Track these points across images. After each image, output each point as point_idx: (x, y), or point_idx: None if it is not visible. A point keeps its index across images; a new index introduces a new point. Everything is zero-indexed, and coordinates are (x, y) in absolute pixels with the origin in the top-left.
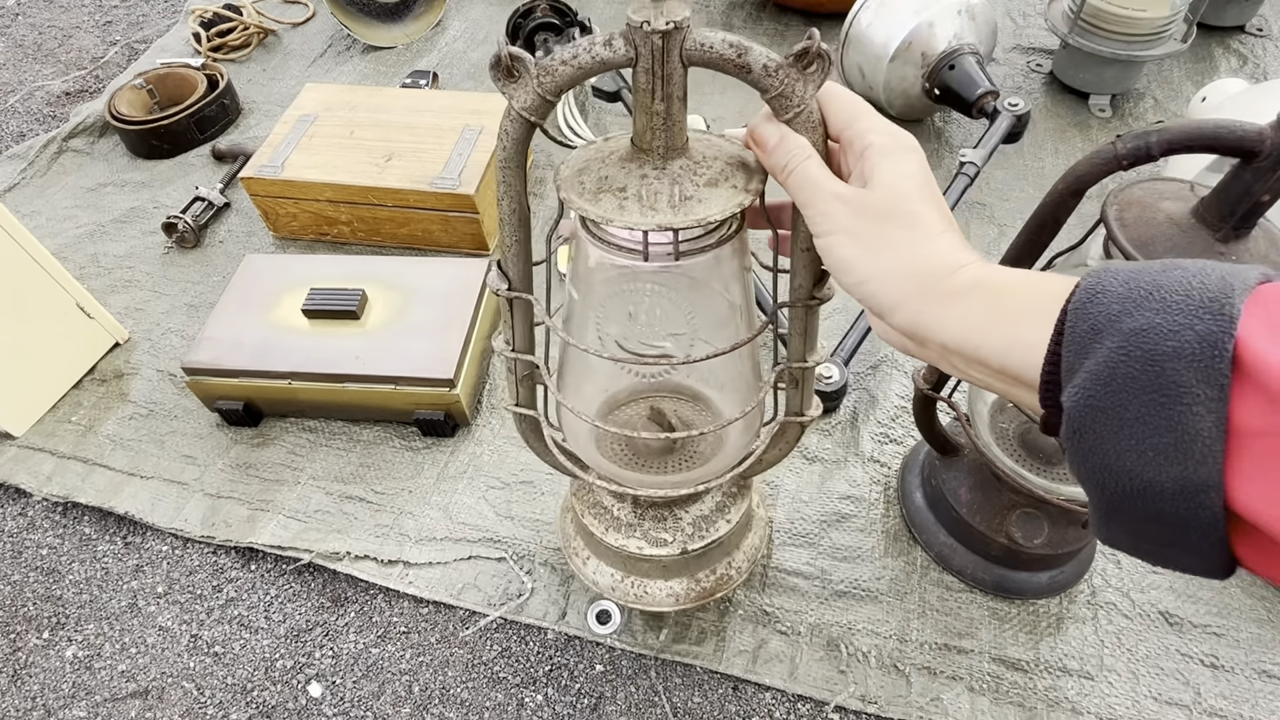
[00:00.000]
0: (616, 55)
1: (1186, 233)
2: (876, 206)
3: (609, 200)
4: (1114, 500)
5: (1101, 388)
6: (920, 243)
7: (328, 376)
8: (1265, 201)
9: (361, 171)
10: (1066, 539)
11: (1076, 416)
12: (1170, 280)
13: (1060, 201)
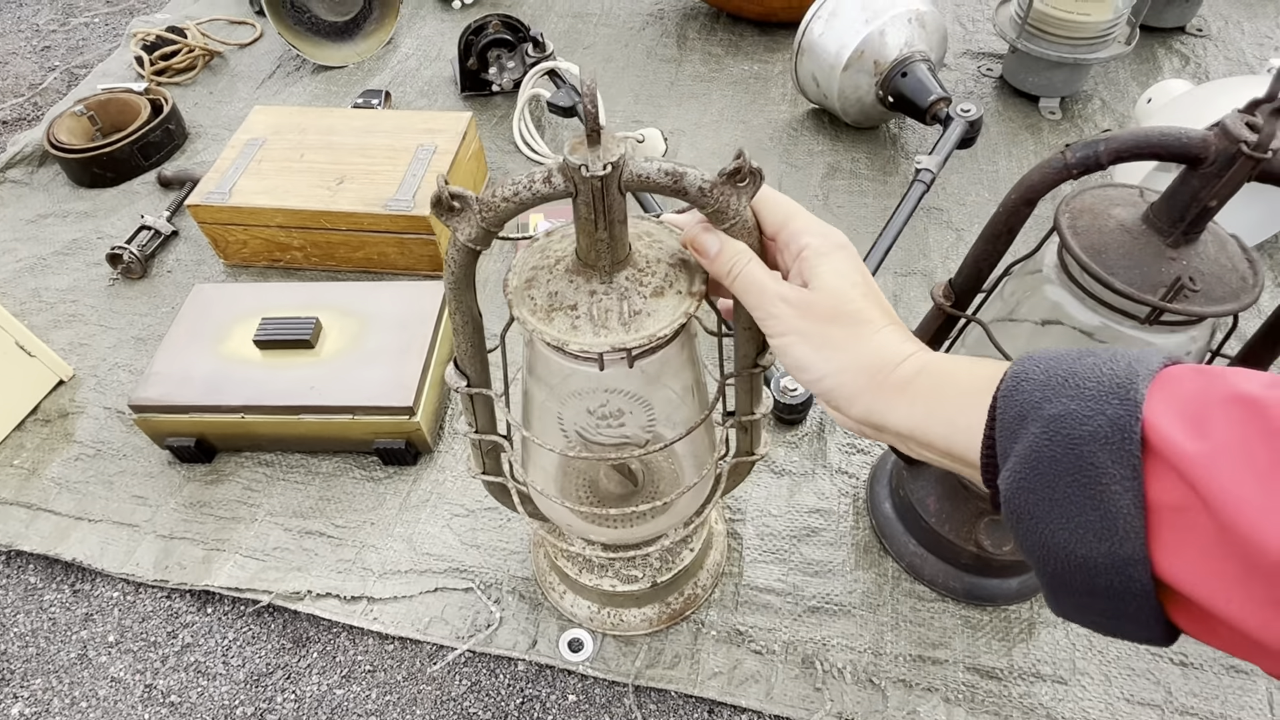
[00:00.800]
0: (556, 190)
1: (1138, 239)
2: (820, 307)
3: (562, 320)
4: (1056, 575)
5: (1030, 470)
6: (866, 339)
7: (282, 409)
8: (1212, 206)
9: (313, 196)
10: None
11: (1011, 498)
12: (1084, 367)
13: (1013, 211)
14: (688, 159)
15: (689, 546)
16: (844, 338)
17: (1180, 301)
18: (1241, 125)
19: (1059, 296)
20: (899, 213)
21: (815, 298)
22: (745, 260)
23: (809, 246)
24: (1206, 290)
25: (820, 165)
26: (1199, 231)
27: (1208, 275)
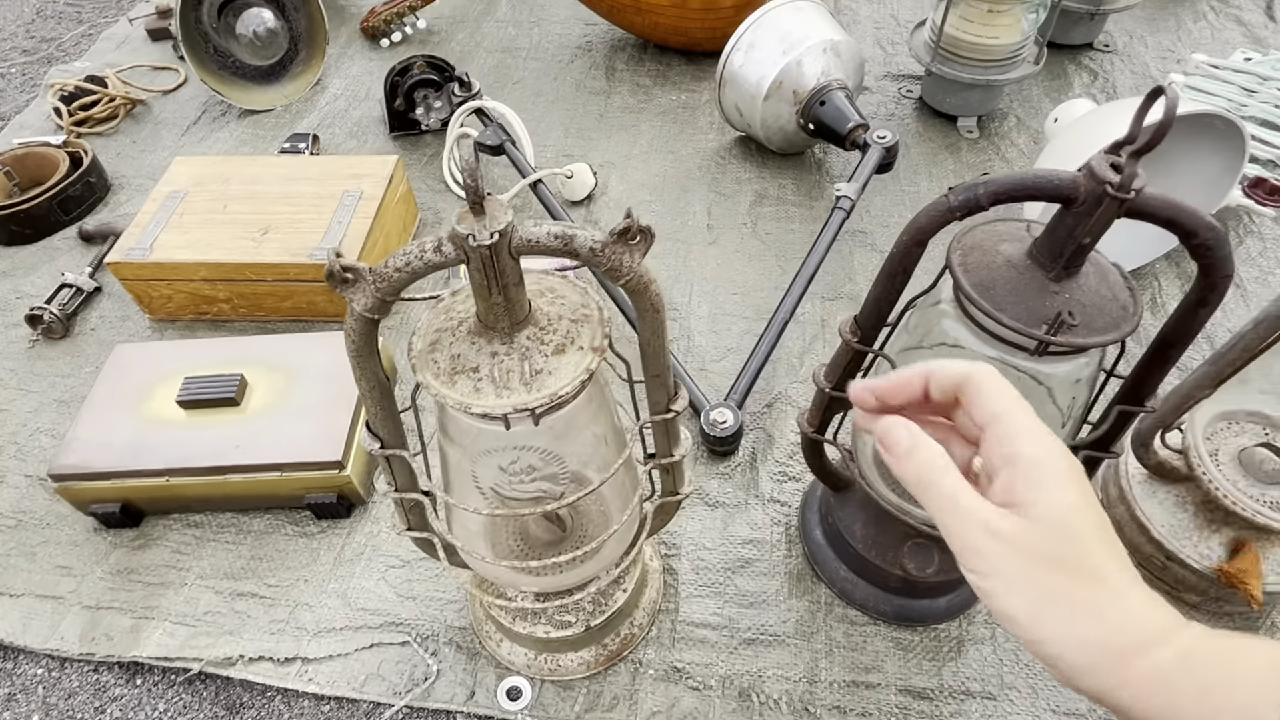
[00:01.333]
0: (447, 259)
1: (1023, 274)
2: (1041, 549)
3: (464, 382)
4: None
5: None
6: (1105, 605)
7: (208, 470)
8: (1087, 244)
9: (236, 248)
10: (954, 565)
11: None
12: None
13: (906, 252)
14: (618, 191)
15: (621, 588)
16: (1072, 597)
17: (1063, 334)
18: (1106, 167)
19: (957, 331)
20: (820, 241)
21: (1033, 533)
22: (940, 470)
23: (1024, 456)
24: (1088, 321)
25: (748, 193)
26: (1079, 265)
27: (1089, 306)
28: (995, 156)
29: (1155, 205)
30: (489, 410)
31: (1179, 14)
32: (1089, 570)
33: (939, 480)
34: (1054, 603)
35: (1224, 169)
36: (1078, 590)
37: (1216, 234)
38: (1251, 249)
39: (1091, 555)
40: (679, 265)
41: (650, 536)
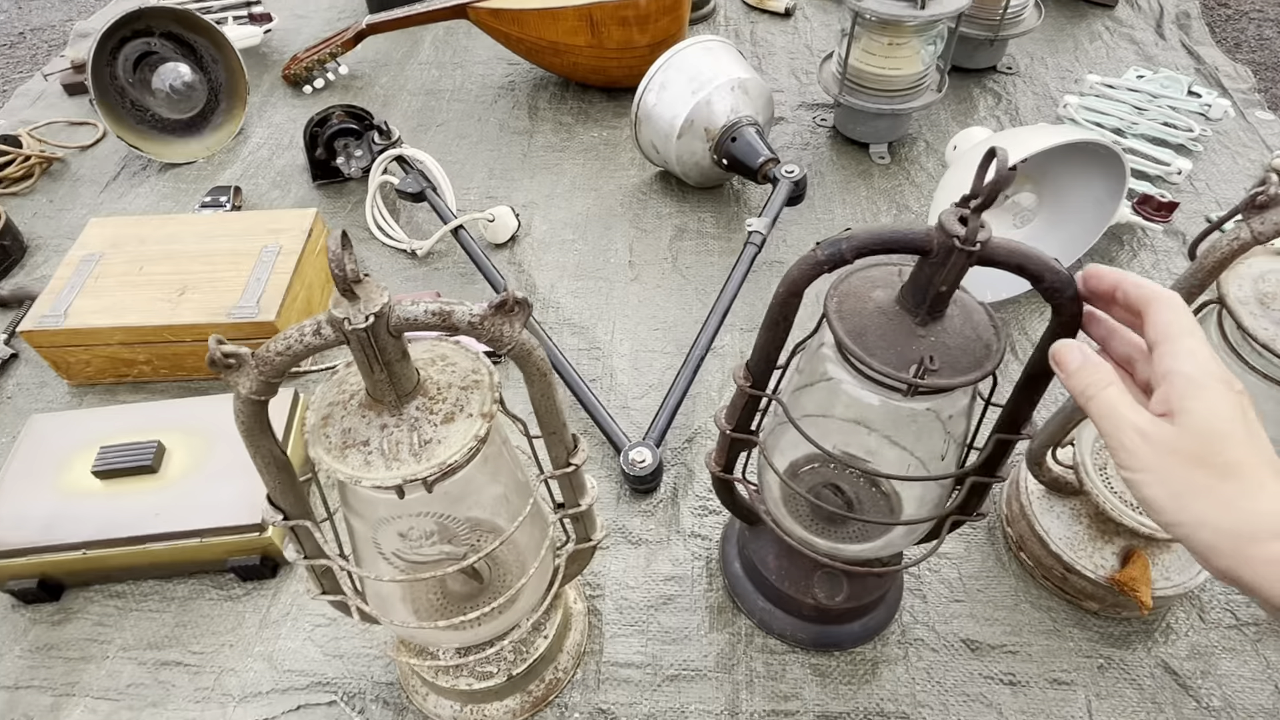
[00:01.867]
0: (326, 341)
1: (892, 320)
2: (1185, 449)
3: (355, 456)
4: None
5: None
6: (1238, 498)
7: (127, 540)
8: (944, 291)
9: (154, 310)
10: (867, 588)
11: None
12: None
13: (783, 303)
14: (541, 231)
15: (542, 634)
16: (1209, 490)
17: (928, 377)
18: (954, 221)
19: (837, 373)
20: (733, 276)
21: (1180, 436)
22: (1104, 383)
23: (1180, 374)
24: (951, 362)
25: (669, 227)
26: (942, 310)
27: (953, 348)
28: (905, 181)
29: (1003, 254)
30: (379, 482)
31: (1076, 35)
32: (1225, 467)
33: (1101, 392)
34: (1190, 493)
35: (1111, 190)
36: (1213, 484)
37: (1061, 276)
38: (1145, 262)
39: (1231, 455)
40: (601, 303)
41: (567, 583)
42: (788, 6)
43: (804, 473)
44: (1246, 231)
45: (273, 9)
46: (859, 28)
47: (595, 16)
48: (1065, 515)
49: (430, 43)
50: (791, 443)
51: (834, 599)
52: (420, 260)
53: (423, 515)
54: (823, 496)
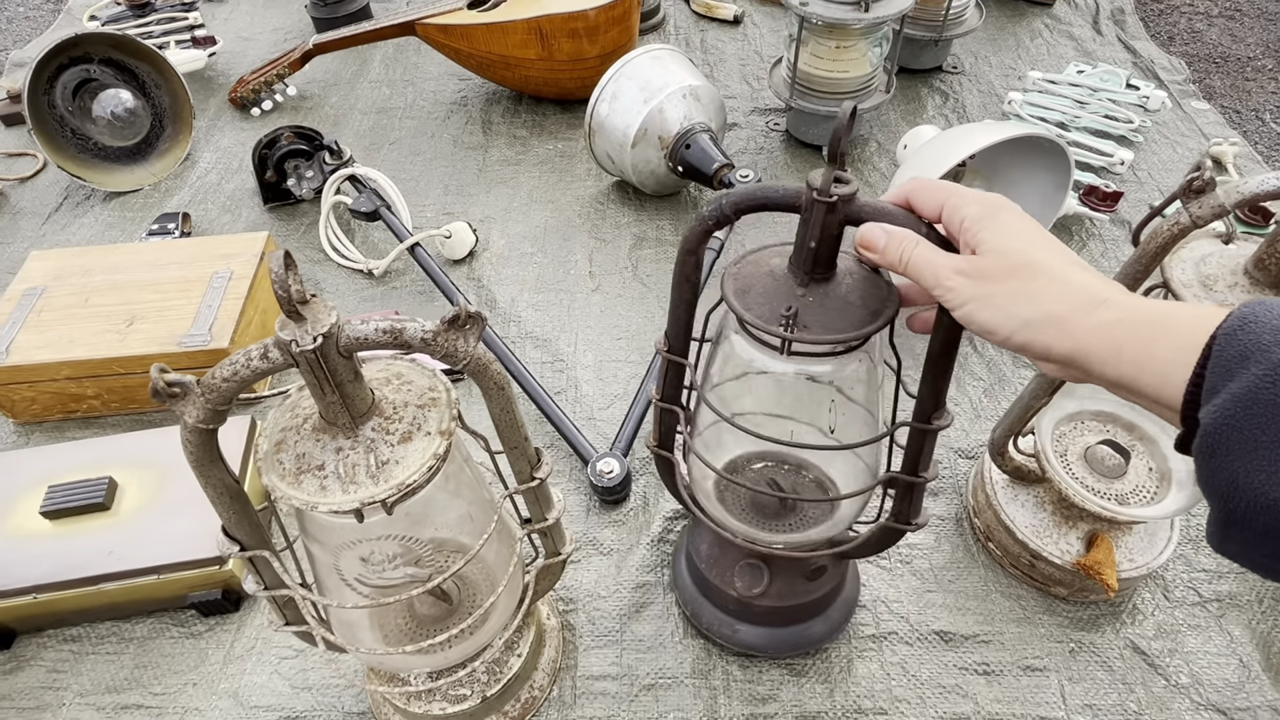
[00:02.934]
0: (274, 365)
1: (779, 281)
2: (995, 267)
3: (310, 482)
4: (1235, 514)
5: (1242, 409)
6: (1050, 286)
7: (80, 581)
8: (814, 248)
9: (101, 342)
10: (794, 590)
11: (1212, 432)
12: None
13: (683, 262)
14: (499, 246)
15: (515, 653)
16: (1025, 290)
17: (799, 332)
18: (818, 177)
19: (730, 333)
20: None
21: (986, 261)
22: (913, 244)
23: (968, 216)
24: (826, 321)
25: (627, 236)
26: (824, 272)
27: (831, 309)
28: (859, 181)
29: (869, 212)
30: (336, 507)
31: (1017, 34)
32: (1031, 268)
33: (913, 250)
34: (1013, 302)
35: (1058, 182)
36: (1028, 285)
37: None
38: (1094, 250)
39: (1033, 257)
40: (563, 315)
41: (539, 599)
42: (736, 14)
43: (742, 473)
44: (1185, 216)
45: (217, 32)
46: (806, 32)
47: (545, 29)
48: (1030, 504)
49: (380, 60)
50: (726, 443)
51: (752, 590)
52: (377, 280)
53: (384, 538)
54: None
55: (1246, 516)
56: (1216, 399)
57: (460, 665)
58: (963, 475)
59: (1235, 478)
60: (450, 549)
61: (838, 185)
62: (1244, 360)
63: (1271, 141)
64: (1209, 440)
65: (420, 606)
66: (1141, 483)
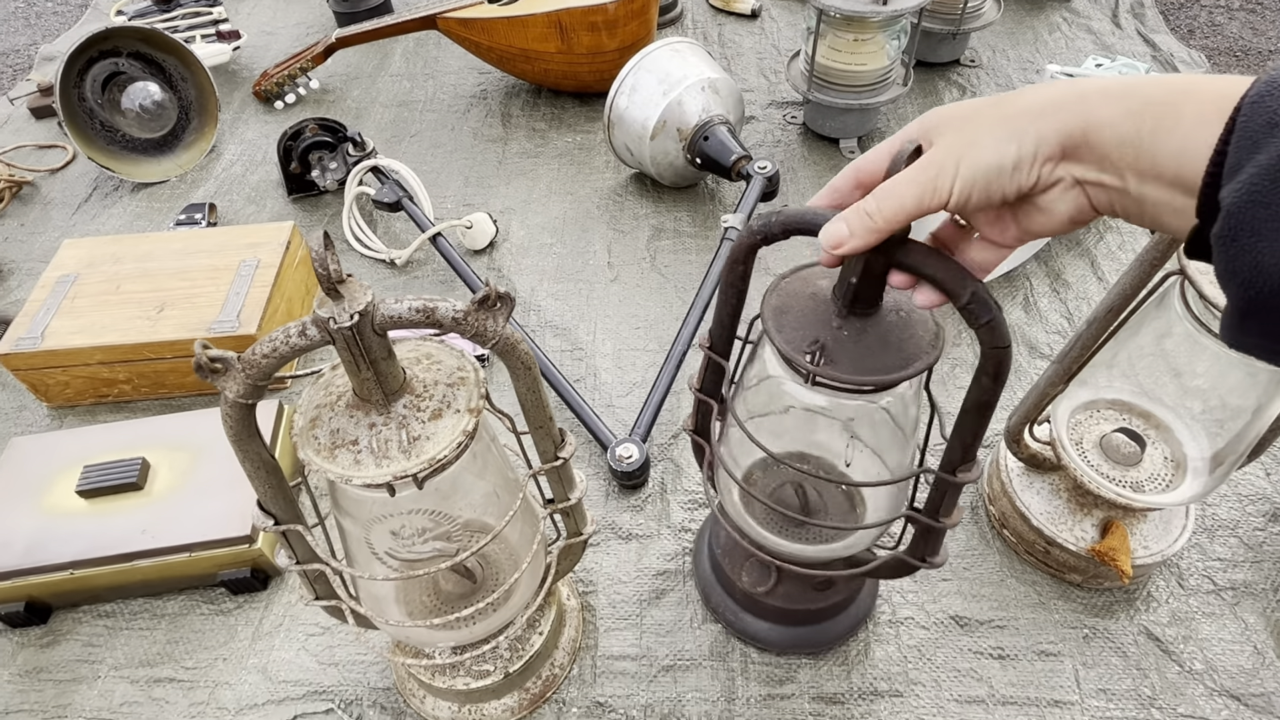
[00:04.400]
0: (312, 342)
1: (819, 307)
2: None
3: (345, 456)
4: (1257, 300)
5: (1270, 182)
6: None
7: (114, 558)
8: (854, 284)
9: (132, 328)
10: (804, 596)
11: (1236, 212)
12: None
13: (729, 269)
14: (519, 237)
15: (537, 631)
16: (1008, 106)
17: (825, 366)
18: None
19: (767, 347)
20: (712, 272)
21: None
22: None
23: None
24: (857, 360)
25: (646, 228)
26: (866, 305)
27: (865, 347)
28: None
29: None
30: (370, 480)
31: (1035, 27)
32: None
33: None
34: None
35: None
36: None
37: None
38: (1111, 243)
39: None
40: (582, 305)
41: (560, 578)
42: (754, 8)
43: (768, 473)
44: None
45: (241, 26)
46: (824, 25)
47: (564, 22)
48: (1044, 491)
49: (401, 54)
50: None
51: (758, 588)
52: (400, 269)
53: (414, 512)
54: (785, 496)
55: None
56: (1241, 175)
57: (484, 641)
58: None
59: (1260, 259)
60: (475, 528)
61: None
62: (1273, 129)
63: None
64: (1232, 221)
65: (445, 584)
66: (1157, 470)
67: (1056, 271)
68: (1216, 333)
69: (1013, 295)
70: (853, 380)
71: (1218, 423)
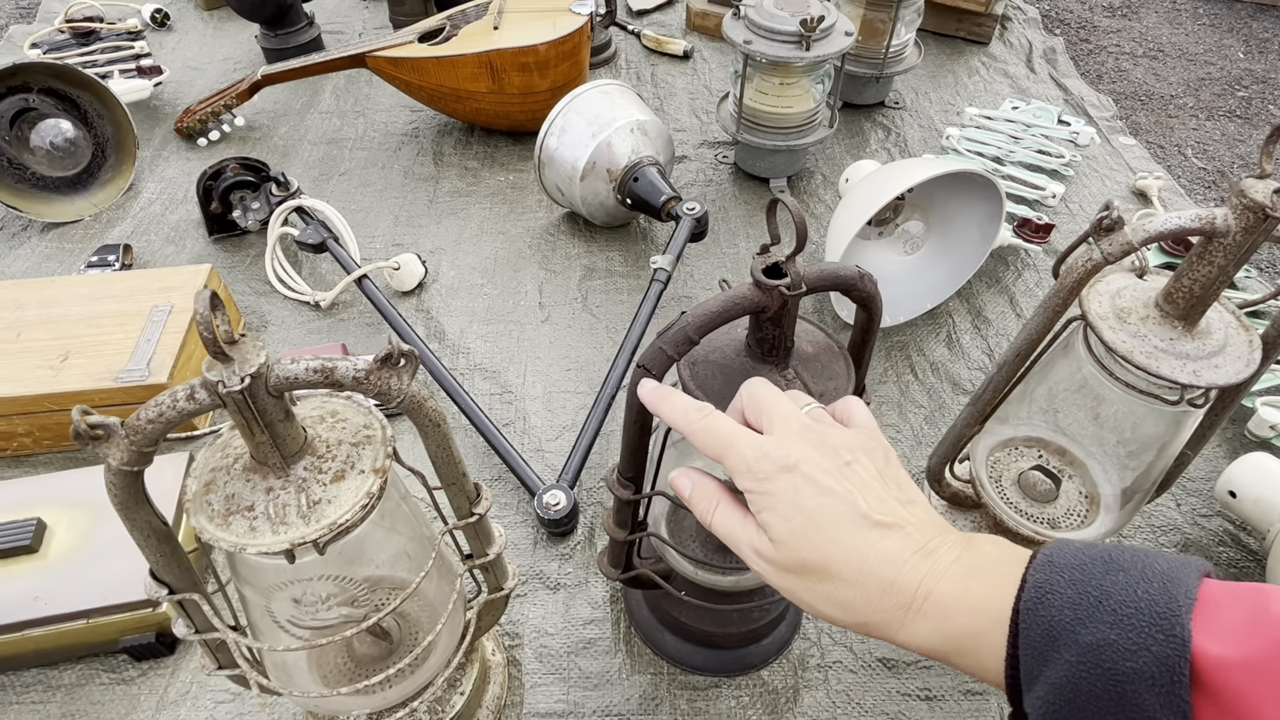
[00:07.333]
0: (201, 405)
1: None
2: (784, 562)
3: (239, 523)
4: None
5: (1065, 703)
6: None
7: (2, 628)
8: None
9: (33, 378)
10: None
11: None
12: (1116, 587)
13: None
14: (449, 277)
15: (458, 690)
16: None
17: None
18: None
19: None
20: (640, 313)
21: (776, 550)
22: (711, 508)
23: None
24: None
25: (578, 268)
26: (777, 357)
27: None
28: (805, 213)
29: (823, 280)
30: (266, 548)
31: (955, 71)
32: (824, 569)
33: (713, 516)
34: (820, 600)
35: (992, 214)
36: (828, 589)
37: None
38: (1029, 281)
39: (825, 559)
40: (513, 346)
41: (481, 635)
42: (686, 49)
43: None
44: (1097, 253)
45: (165, 61)
46: (751, 69)
47: (495, 63)
48: (967, 529)
49: (331, 91)
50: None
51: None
52: (325, 311)
53: (318, 579)
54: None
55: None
56: (1038, 689)
57: (401, 705)
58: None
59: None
60: (389, 586)
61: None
62: (1052, 643)
63: (1193, 175)
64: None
65: (359, 646)
66: (1073, 506)
67: (977, 309)
68: (1116, 374)
69: (936, 332)
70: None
71: (1128, 457)
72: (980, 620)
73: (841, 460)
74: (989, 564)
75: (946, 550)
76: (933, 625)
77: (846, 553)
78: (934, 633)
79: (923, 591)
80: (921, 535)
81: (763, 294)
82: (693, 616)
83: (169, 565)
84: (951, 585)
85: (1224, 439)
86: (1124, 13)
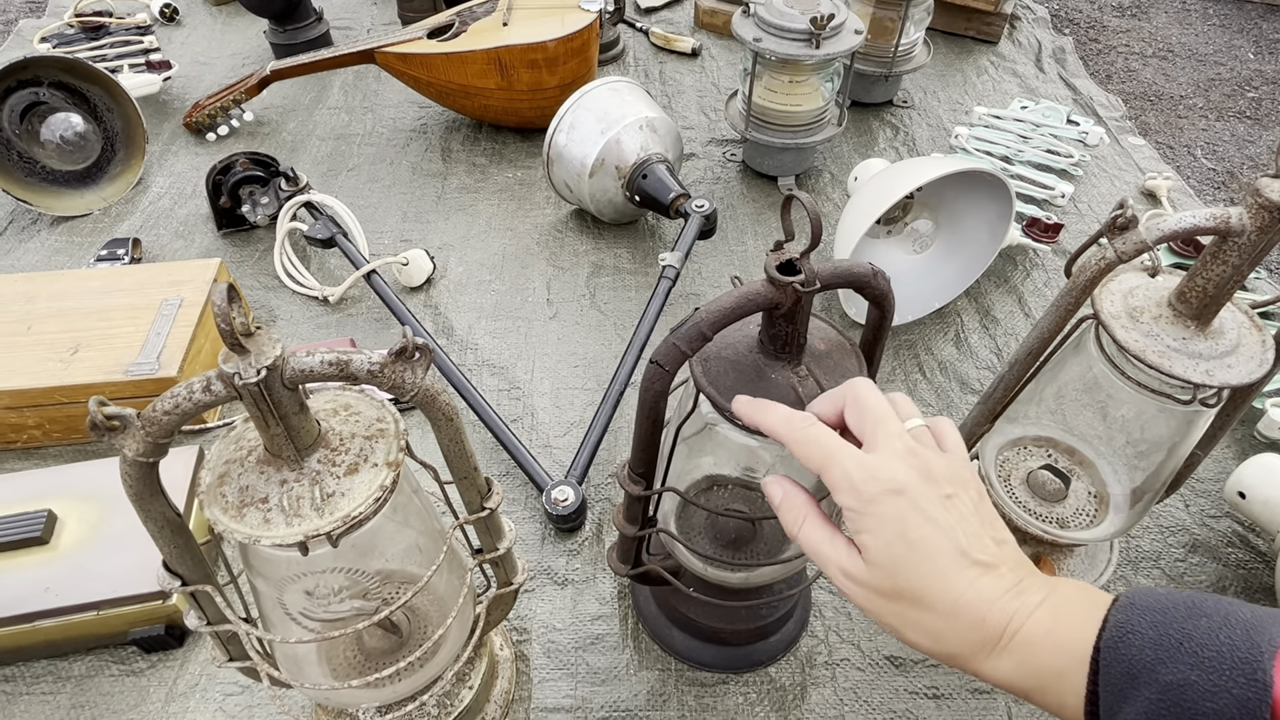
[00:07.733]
0: (218, 397)
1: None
2: (877, 585)
3: (253, 515)
4: None
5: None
6: (939, 623)
7: (13, 619)
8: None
9: (43, 371)
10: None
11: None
12: (1199, 631)
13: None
14: (457, 273)
15: (467, 685)
16: (916, 621)
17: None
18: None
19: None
20: (649, 310)
21: (870, 572)
22: (799, 521)
23: (846, 507)
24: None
25: (585, 265)
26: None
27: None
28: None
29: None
30: (279, 540)
31: (964, 70)
32: (918, 599)
33: (800, 530)
34: (904, 626)
35: (1001, 214)
36: (918, 616)
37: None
38: (1037, 280)
39: (908, 584)
40: (521, 343)
41: (490, 630)
42: (694, 47)
43: (705, 494)
44: (1111, 252)
45: (174, 56)
46: (760, 66)
47: (504, 60)
48: None
49: (339, 87)
50: (689, 468)
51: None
52: (333, 307)
53: (330, 571)
54: (722, 522)
55: None
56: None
57: (410, 698)
58: None
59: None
60: (399, 580)
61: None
62: (1133, 681)
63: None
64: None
65: (369, 639)
66: (1082, 506)
67: (985, 308)
68: (1127, 373)
69: (944, 331)
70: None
71: (1138, 457)
72: (1064, 659)
73: (943, 493)
74: (1073, 605)
75: (1035, 591)
76: (1017, 661)
77: (943, 587)
78: (1017, 669)
79: (1011, 629)
80: (1013, 575)
81: (777, 290)
82: (701, 613)
83: (182, 557)
84: (1038, 625)
85: (1233, 440)
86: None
